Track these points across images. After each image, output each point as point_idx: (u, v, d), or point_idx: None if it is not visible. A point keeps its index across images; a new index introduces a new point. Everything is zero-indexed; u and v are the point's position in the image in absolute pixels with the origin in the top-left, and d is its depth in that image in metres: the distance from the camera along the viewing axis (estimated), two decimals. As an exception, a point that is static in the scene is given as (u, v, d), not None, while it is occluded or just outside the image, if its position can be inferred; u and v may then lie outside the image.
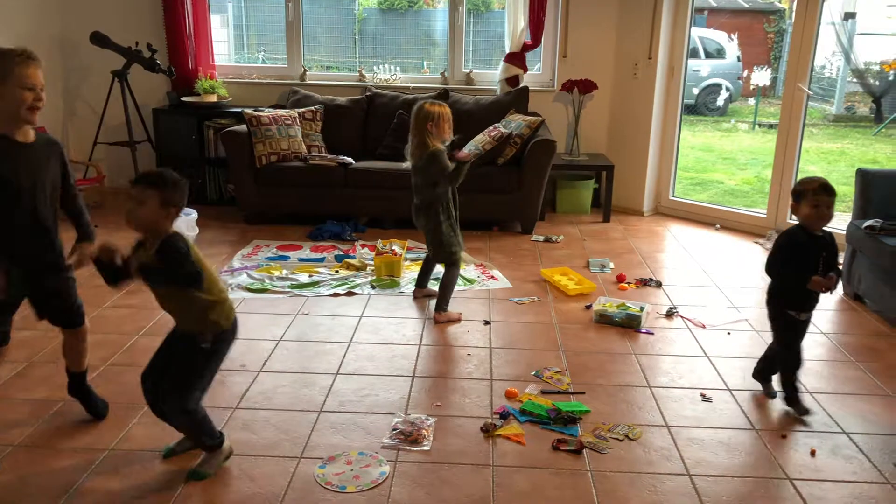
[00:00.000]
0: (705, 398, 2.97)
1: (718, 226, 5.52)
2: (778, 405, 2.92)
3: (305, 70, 6.03)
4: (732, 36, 11.70)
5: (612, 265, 4.55)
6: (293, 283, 4.14)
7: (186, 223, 4.41)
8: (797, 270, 2.73)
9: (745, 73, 11.55)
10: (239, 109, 5.45)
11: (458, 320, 3.71)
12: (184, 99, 5.69)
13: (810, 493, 2.36)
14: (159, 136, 5.69)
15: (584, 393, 2.99)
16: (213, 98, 5.69)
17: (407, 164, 3.72)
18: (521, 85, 5.70)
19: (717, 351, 3.42)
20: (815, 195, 2.68)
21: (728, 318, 3.81)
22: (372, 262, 4.39)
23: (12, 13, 5.20)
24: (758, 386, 3.06)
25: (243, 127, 5.16)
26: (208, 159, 5.66)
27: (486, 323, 3.68)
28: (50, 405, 2.81)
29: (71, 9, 5.69)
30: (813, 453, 2.59)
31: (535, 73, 5.99)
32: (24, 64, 2.31)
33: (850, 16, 10.06)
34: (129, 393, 2.88)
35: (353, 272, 4.32)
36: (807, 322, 2.88)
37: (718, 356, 3.36)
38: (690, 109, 10.94)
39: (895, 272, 3.54)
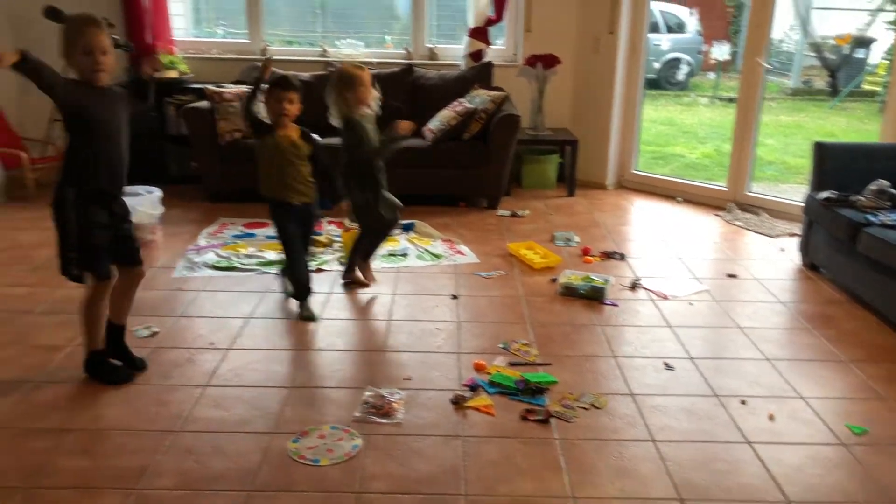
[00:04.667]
0: (668, 366, 3.06)
1: (680, 199, 5.62)
2: (737, 370, 3.02)
3: (267, 45, 5.95)
4: (693, 10, 11.81)
5: (577, 239, 4.62)
6: (260, 260, 4.12)
7: (150, 201, 4.34)
8: None
9: (706, 48, 11.68)
10: (200, 85, 5.36)
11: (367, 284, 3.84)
12: (143, 75, 5.57)
13: (769, 456, 2.46)
14: (118, 112, 5.57)
15: (550, 364, 3.06)
16: (174, 74, 5.58)
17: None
18: (485, 60, 5.71)
19: (679, 321, 3.51)
20: None
21: (690, 288, 3.91)
22: (340, 239, 4.39)
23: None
24: (719, 354, 3.17)
25: (205, 103, 5.09)
26: (170, 136, 5.57)
27: (454, 297, 3.72)
28: (19, 385, 2.78)
29: (22, -19, 5.51)
30: (771, 417, 2.69)
31: (499, 48, 5.99)
32: (82, 30, 2.52)
33: (807, -11, 10.22)
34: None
35: (321, 249, 4.32)
36: None
37: (681, 325, 3.45)
38: (652, 84, 11.04)
39: (848, 242, 3.66)
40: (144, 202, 4.31)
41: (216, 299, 3.63)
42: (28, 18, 5.43)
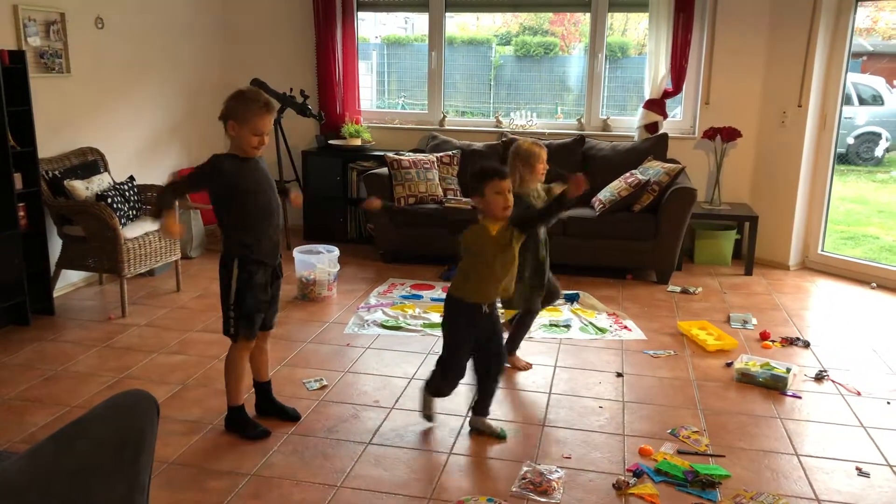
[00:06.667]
0: (862, 473, 2.74)
1: (874, 284, 5.12)
2: (948, 487, 2.65)
3: (445, 116, 6.21)
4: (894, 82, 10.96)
5: (754, 321, 4.32)
6: (426, 321, 4.22)
7: (329, 259, 4.61)
8: None
9: (907, 122, 10.74)
10: (381, 153, 5.69)
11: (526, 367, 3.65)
12: (331, 142, 6.02)
13: None
14: (307, 176, 6.02)
15: (723, 456, 2.84)
16: (358, 142, 5.97)
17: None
18: (661, 131, 5.60)
19: (874, 421, 3.15)
20: None
21: (888, 385, 3.51)
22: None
23: (181, 62, 5.70)
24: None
25: (384, 170, 5.38)
26: (351, 199, 5.93)
27: (619, 375, 3.58)
28: (202, 426, 3.00)
29: (232, 58, 6.19)
30: None
31: (675, 120, 5.87)
32: (260, 114, 2.71)
33: None
34: (268, 423, 3.03)
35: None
36: None
37: (877, 427, 3.10)
38: (841, 159, 10.28)
39: None
40: (324, 260, 4.58)
41: (382, 357, 3.74)
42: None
